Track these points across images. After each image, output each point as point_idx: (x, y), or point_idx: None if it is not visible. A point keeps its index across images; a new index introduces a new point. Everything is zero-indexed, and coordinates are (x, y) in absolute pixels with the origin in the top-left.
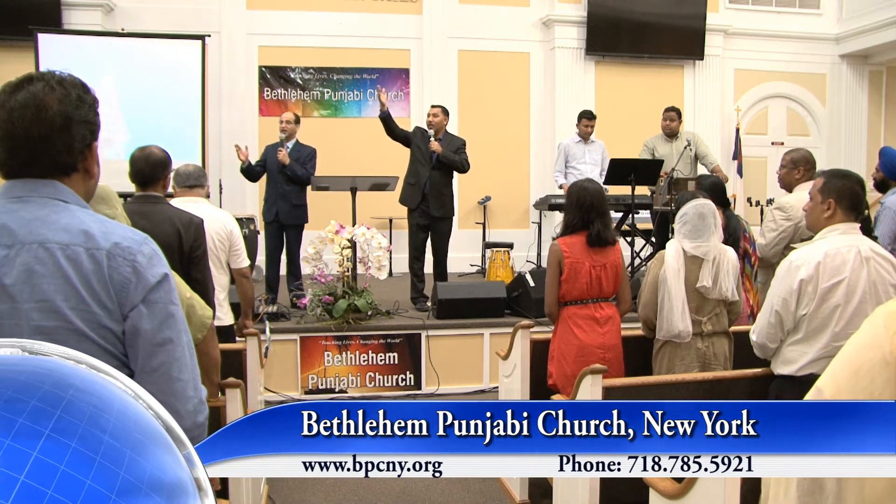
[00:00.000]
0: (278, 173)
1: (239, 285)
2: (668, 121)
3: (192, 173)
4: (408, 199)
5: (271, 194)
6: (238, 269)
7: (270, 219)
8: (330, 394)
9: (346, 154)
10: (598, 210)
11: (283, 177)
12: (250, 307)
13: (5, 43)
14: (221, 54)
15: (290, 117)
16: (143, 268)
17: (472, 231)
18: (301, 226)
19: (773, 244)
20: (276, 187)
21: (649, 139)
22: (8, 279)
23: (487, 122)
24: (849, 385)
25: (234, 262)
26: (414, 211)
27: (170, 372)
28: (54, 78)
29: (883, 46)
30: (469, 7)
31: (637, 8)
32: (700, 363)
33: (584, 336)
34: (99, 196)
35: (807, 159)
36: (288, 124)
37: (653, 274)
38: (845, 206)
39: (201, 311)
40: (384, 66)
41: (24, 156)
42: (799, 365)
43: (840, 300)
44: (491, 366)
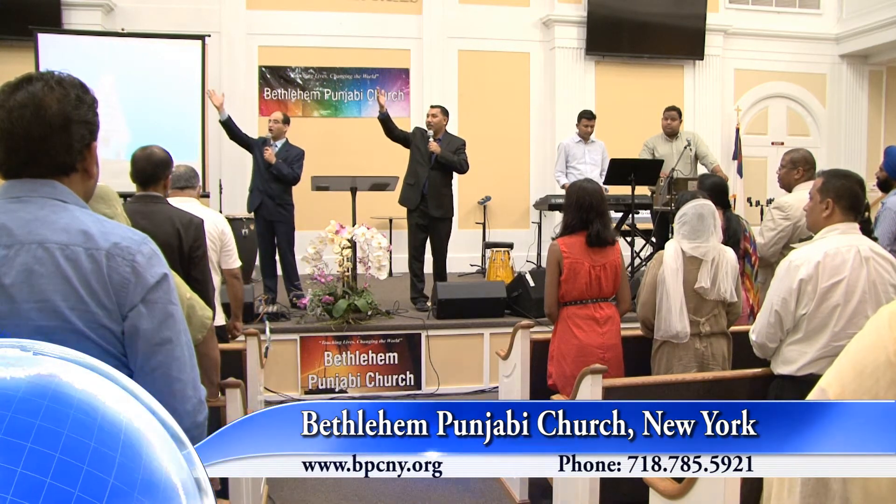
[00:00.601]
0: (265, 170)
1: (230, 286)
2: (668, 120)
3: (182, 174)
4: (407, 199)
5: (256, 186)
6: (229, 270)
7: (254, 207)
8: (330, 394)
9: (346, 154)
10: (598, 210)
11: (268, 174)
12: (240, 308)
13: (5, 43)
14: (221, 54)
15: (279, 117)
16: (143, 268)
17: (472, 231)
18: (287, 224)
19: (771, 244)
20: (261, 182)
21: (649, 139)
22: (7, 279)
23: (487, 122)
24: (853, 386)
25: (225, 262)
26: (413, 211)
27: (169, 372)
28: (53, 78)
29: (883, 46)
30: (469, 7)
31: (637, 8)
32: (698, 364)
33: (584, 336)
34: (98, 196)
35: (806, 159)
36: (275, 123)
37: (651, 274)
38: (844, 206)
39: (201, 311)
40: (384, 66)
41: (23, 156)
42: (799, 365)
43: (840, 300)
44: (491, 366)
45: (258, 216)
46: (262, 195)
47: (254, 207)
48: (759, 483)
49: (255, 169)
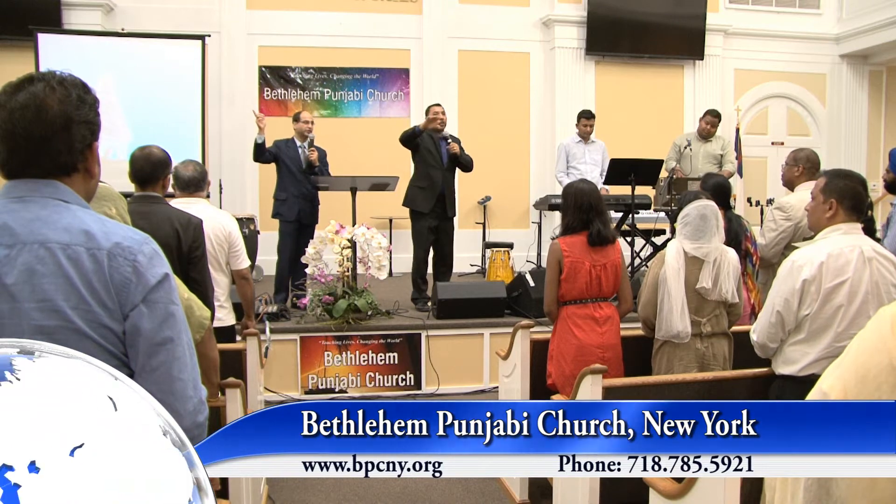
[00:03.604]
0: (300, 172)
1: (239, 287)
2: (709, 125)
3: (192, 178)
4: (420, 202)
5: (292, 193)
6: (237, 271)
7: (292, 217)
8: (330, 394)
9: (346, 154)
10: (597, 209)
11: (306, 176)
12: (252, 308)
13: (5, 43)
14: (221, 54)
15: (310, 117)
16: (144, 268)
17: (472, 231)
18: (314, 226)
19: (772, 244)
20: (298, 187)
21: (682, 136)
22: (9, 279)
23: (487, 122)
24: (856, 390)
25: (233, 263)
26: (426, 215)
27: (170, 371)
28: (55, 78)
29: (883, 46)
30: (469, 7)
31: (637, 8)
32: (699, 364)
33: (583, 336)
34: (100, 196)
35: (808, 158)
36: (312, 125)
37: (653, 274)
38: (847, 207)
39: (199, 311)
40: (384, 66)
41: (24, 156)
42: (801, 365)
43: (843, 300)
44: (491, 366)
45: (292, 223)
46: (298, 201)
47: (293, 217)
48: (759, 483)
49: (284, 174)
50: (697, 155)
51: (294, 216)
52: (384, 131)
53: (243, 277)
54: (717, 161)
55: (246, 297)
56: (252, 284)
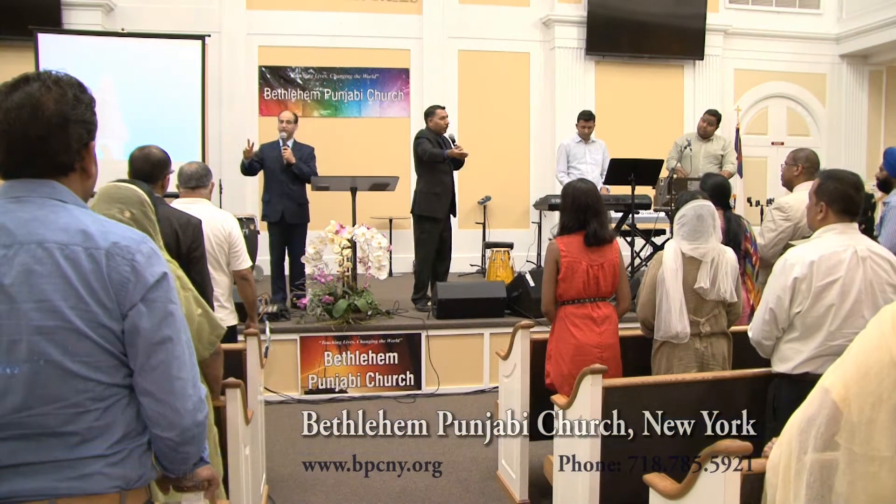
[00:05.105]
0: (282, 172)
1: (240, 288)
2: (706, 124)
3: (194, 173)
4: (437, 209)
5: (274, 194)
6: (238, 271)
7: (276, 219)
8: (330, 394)
9: (346, 154)
10: (594, 209)
11: (287, 176)
12: (254, 309)
13: (5, 43)
14: (221, 54)
15: (290, 116)
16: (142, 267)
17: (472, 231)
18: (305, 226)
19: (772, 244)
20: (279, 186)
21: (682, 136)
22: (7, 279)
23: (487, 122)
24: (857, 388)
25: (234, 263)
26: (442, 220)
27: (169, 370)
28: (51, 78)
29: (883, 46)
30: (469, 7)
31: (637, 8)
32: (698, 364)
33: (581, 335)
34: (113, 197)
35: (807, 157)
36: (288, 124)
37: (651, 274)
38: (837, 210)
39: (212, 330)
40: (384, 66)
41: (21, 156)
42: (795, 363)
43: (835, 300)
44: (491, 366)
45: (276, 224)
46: (281, 201)
47: (276, 218)
48: (759, 483)
49: (267, 176)
50: (698, 155)
51: (277, 217)
52: (384, 131)
53: (244, 278)
54: (717, 161)
55: (247, 297)
56: (253, 285)
